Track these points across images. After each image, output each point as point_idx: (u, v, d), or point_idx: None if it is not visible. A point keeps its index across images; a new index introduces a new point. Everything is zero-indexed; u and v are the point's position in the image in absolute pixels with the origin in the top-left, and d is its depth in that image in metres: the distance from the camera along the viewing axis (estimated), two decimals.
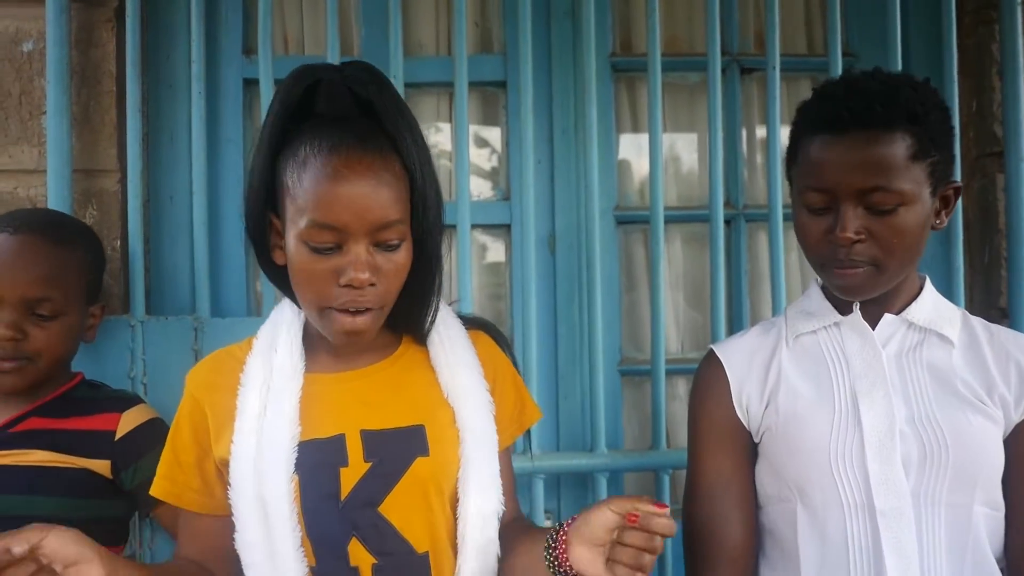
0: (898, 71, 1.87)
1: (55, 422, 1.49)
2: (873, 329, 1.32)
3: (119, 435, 1.51)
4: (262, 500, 1.16)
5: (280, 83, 1.19)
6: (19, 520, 1.39)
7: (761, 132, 2.23)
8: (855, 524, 1.25)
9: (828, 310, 1.36)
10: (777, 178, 1.93)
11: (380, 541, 1.17)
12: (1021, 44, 1.98)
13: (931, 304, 1.34)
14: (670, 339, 2.19)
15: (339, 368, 1.25)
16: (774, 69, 1.95)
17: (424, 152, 1.20)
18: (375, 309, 1.17)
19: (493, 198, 2.19)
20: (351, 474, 1.18)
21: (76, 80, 1.88)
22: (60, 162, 1.79)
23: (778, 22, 1.96)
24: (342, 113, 1.17)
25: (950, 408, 1.26)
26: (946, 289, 1.94)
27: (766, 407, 1.33)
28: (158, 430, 1.52)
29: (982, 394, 1.27)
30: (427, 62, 2.15)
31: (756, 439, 1.36)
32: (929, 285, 1.36)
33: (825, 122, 1.24)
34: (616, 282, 2.16)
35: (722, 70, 2.00)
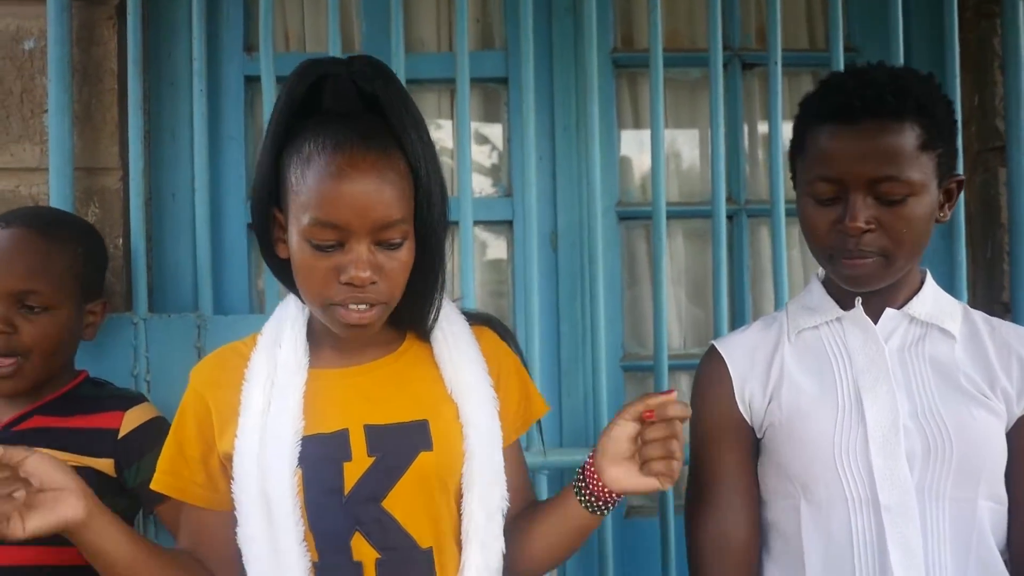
0: (901, 65, 1.87)
1: (59, 420, 1.49)
2: (875, 324, 1.32)
3: (122, 433, 1.50)
4: (265, 495, 1.16)
5: (286, 78, 1.19)
6: None
7: (763, 127, 2.23)
8: (859, 519, 1.25)
9: (830, 305, 1.36)
10: (779, 173, 1.93)
11: (383, 536, 1.17)
12: (1023, 38, 1.97)
13: (932, 298, 1.34)
14: (672, 335, 2.19)
15: (343, 364, 1.25)
16: (776, 64, 1.95)
17: (429, 149, 1.19)
18: (379, 304, 1.17)
19: (495, 194, 2.19)
20: (355, 469, 1.18)
21: (77, 78, 1.88)
22: (62, 160, 1.80)
23: (780, 17, 1.95)
24: (347, 109, 1.17)
25: (953, 402, 1.26)
26: (948, 284, 1.93)
27: (769, 403, 1.33)
28: (161, 428, 1.52)
29: (984, 388, 1.27)
30: (428, 58, 2.15)
31: (759, 435, 1.35)
32: (930, 279, 1.36)
33: (835, 112, 1.24)
34: (618, 278, 2.16)
35: (724, 65, 1.99)
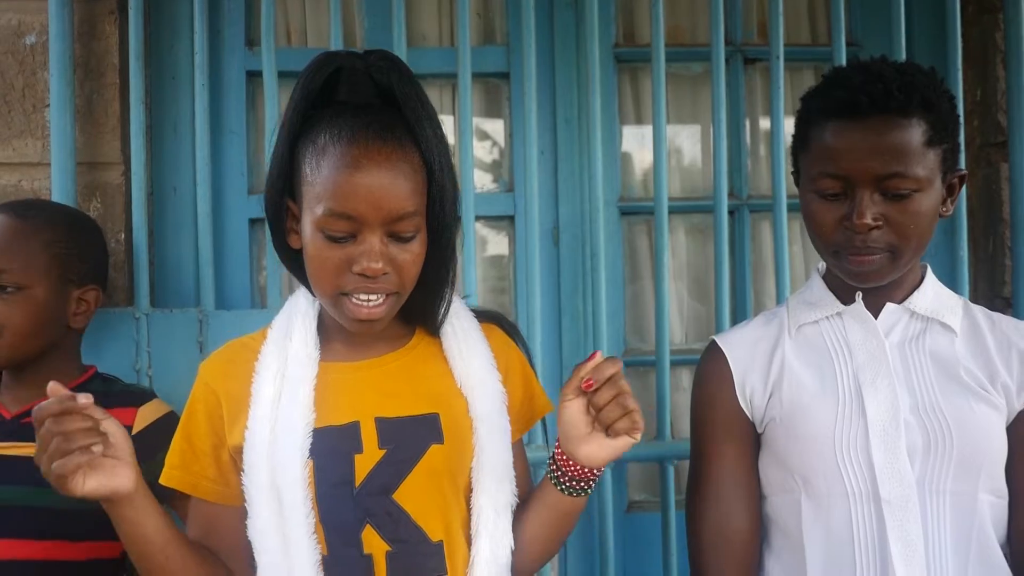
0: (902, 59, 1.87)
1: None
2: (875, 318, 1.32)
3: (136, 430, 1.50)
4: (276, 486, 1.16)
5: (303, 70, 1.19)
6: (30, 511, 1.42)
7: (765, 122, 2.23)
8: (860, 513, 1.25)
9: (830, 300, 1.36)
10: (781, 168, 1.93)
11: (394, 528, 1.17)
12: None
13: (933, 293, 1.34)
14: (674, 330, 2.19)
15: (353, 357, 1.26)
16: (778, 59, 1.95)
17: (442, 143, 1.20)
18: (389, 297, 1.17)
19: (496, 190, 2.19)
20: (365, 461, 1.18)
21: (79, 73, 1.88)
22: (64, 155, 1.80)
23: (782, 11, 1.95)
24: (363, 101, 1.17)
25: (954, 396, 1.26)
26: (950, 278, 1.93)
27: (770, 397, 1.33)
28: (174, 425, 1.52)
29: (985, 382, 1.28)
30: (430, 53, 2.15)
31: (760, 429, 1.36)
32: (930, 274, 1.36)
33: (841, 107, 1.23)
34: (620, 273, 2.17)
35: (726, 60, 1.99)
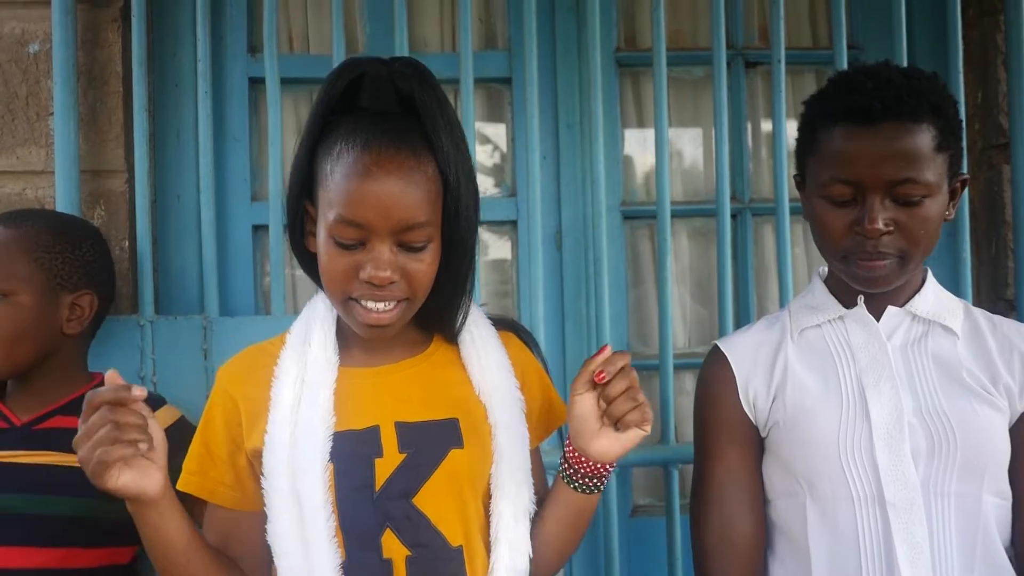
0: (905, 64, 1.87)
1: (79, 422, 1.49)
2: (877, 322, 1.32)
3: None
4: (296, 490, 1.15)
5: (328, 74, 1.19)
6: (42, 519, 1.42)
7: (766, 126, 2.23)
8: (865, 516, 1.25)
9: (832, 304, 1.36)
10: (783, 172, 1.93)
11: (414, 533, 1.17)
12: None
13: (934, 296, 1.35)
14: (677, 334, 2.19)
15: (372, 363, 1.26)
16: (779, 62, 1.95)
17: (462, 153, 1.19)
18: (400, 303, 1.17)
19: (499, 194, 2.20)
20: (386, 465, 1.18)
21: (83, 81, 1.88)
22: (67, 163, 1.80)
23: (783, 15, 1.95)
24: (384, 108, 1.17)
25: (957, 399, 1.26)
26: (953, 281, 1.93)
27: (773, 401, 1.33)
28: (185, 431, 1.52)
29: (987, 384, 1.28)
30: (432, 59, 2.13)
31: (763, 434, 1.36)
32: (931, 277, 1.37)
33: (853, 112, 1.23)
34: (622, 277, 2.17)
35: (727, 64, 1.99)
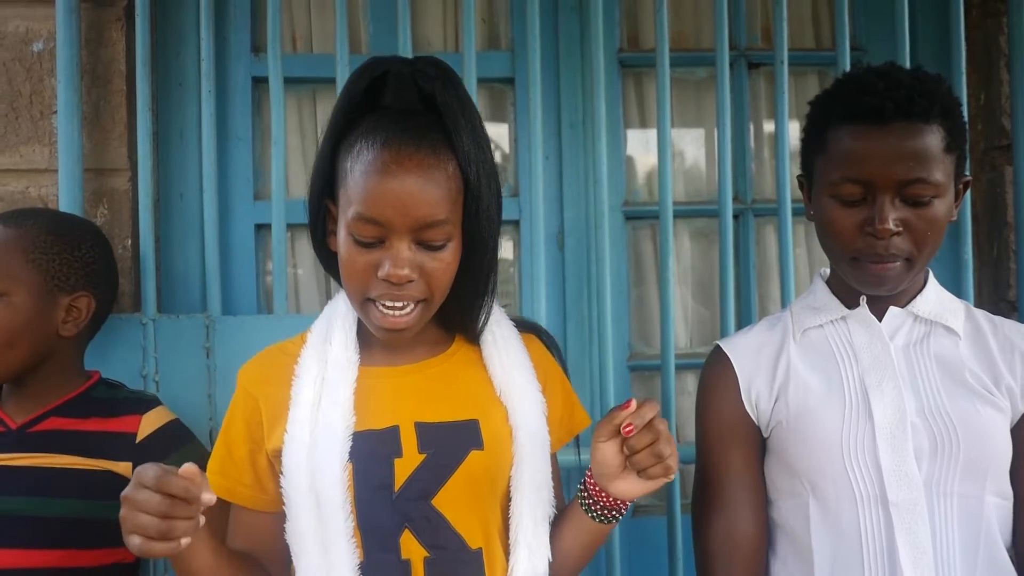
0: (909, 65, 1.87)
1: (75, 423, 1.49)
2: (879, 322, 1.32)
3: (140, 438, 1.50)
4: (315, 489, 1.15)
5: (352, 72, 1.19)
6: (37, 521, 1.42)
7: (769, 126, 2.24)
8: (868, 517, 1.25)
9: (834, 304, 1.36)
10: (786, 172, 1.93)
11: (433, 534, 1.17)
12: None
13: (935, 297, 1.35)
14: (679, 334, 2.19)
15: (393, 362, 1.25)
16: (782, 63, 1.95)
17: (484, 152, 1.18)
18: (417, 304, 1.16)
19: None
20: (405, 465, 1.17)
21: (86, 79, 1.89)
22: (71, 161, 1.80)
23: (786, 16, 1.96)
24: (406, 106, 1.17)
25: (959, 399, 1.27)
26: (955, 282, 1.94)
27: (775, 402, 1.34)
28: (178, 432, 1.53)
29: (989, 384, 1.28)
30: None
31: (765, 434, 1.36)
32: (932, 278, 1.37)
33: (864, 112, 1.23)
34: (625, 278, 2.17)
35: (730, 65, 1.99)
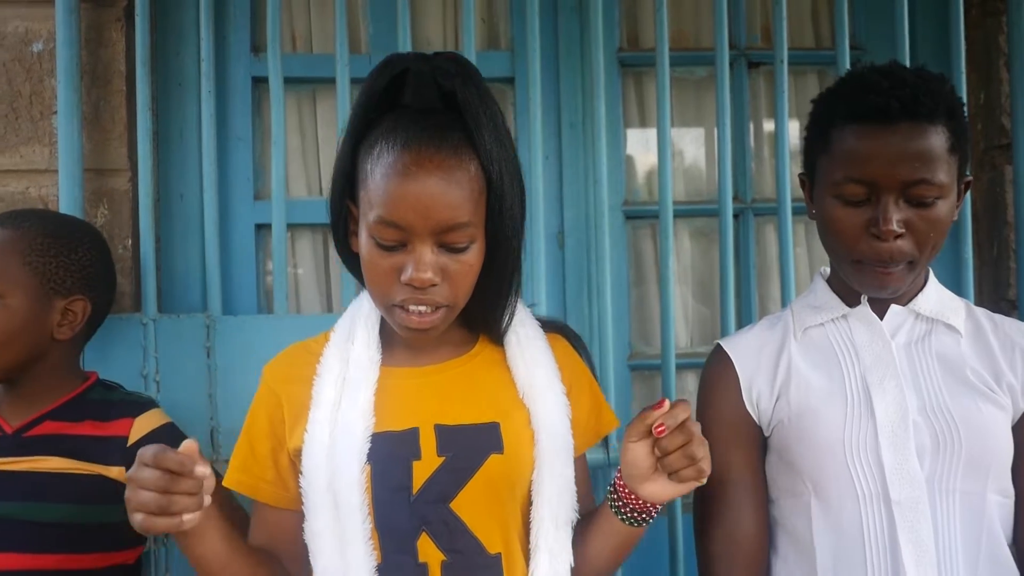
0: (906, 64, 1.87)
1: (70, 426, 1.48)
2: (880, 320, 1.32)
3: (131, 441, 1.49)
4: (333, 490, 1.15)
5: (372, 70, 1.18)
6: (32, 526, 1.41)
7: (769, 125, 2.24)
8: (871, 515, 1.25)
9: (835, 303, 1.36)
10: (786, 172, 1.93)
11: (450, 538, 1.16)
12: None
13: (936, 295, 1.35)
14: (679, 333, 2.19)
15: (415, 363, 1.24)
16: (782, 63, 1.95)
17: (506, 150, 1.17)
18: (441, 307, 1.15)
19: None
20: (424, 468, 1.16)
21: (86, 80, 1.89)
22: (71, 162, 1.80)
23: (785, 16, 1.95)
24: (426, 105, 1.15)
25: (961, 397, 1.27)
26: (955, 281, 1.94)
27: (777, 401, 1.34)
28: (170, 436, 1.51)
29: (991, 382, 1.28)
30: None
31: (766, 433, 1.36)
32: (932, 276, 1.37)
33: (870, 112, 1.22)
34: (625, 277, 2.17)
35: (730, 64, 1.99)
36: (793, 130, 2.10)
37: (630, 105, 2.23)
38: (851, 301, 1.35)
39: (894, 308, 1.33)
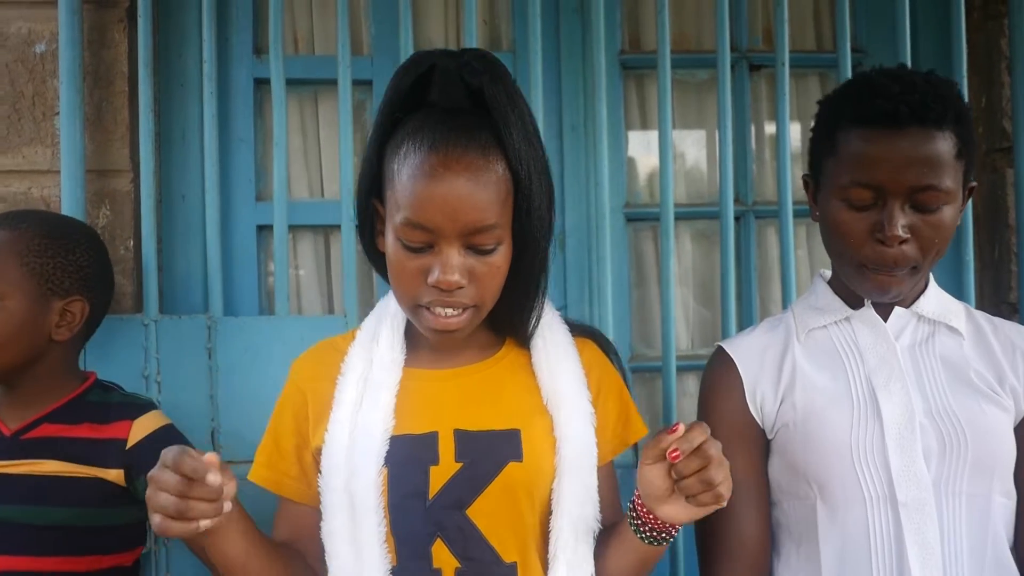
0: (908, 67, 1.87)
1: (67, 429, 1.48)
2: (884, 322, 1.32)
3: (130, 443, 1.49)
4: (350, 491, 1.14)
5: (398, 67, 1.17)
6: (31, 529, 1.42)
7: (770, 128, 2.23)
8: (877, 517, 1.25)
9: (838, 304, 1.36)
10: (787, 174, 1.93)
11: (465, 545, 1.14)
12: None
13: (936, 297, 1.35)
14: (680, 336, 2.19)
15: (439, 365, 1.23)
16: (783, 65, 1.95)
17: (534, 149, 1.15)
18: (468, 309, 1.14)
19: None
20: (441, 473, 1.15)
21: (89, 81, 1.89)
22: (73, 162, 1.80)
23: (787, 18, 1.95)
24: (453, 103, 1.14)
25: (965, 398, 1.27)
26: (956, 284, 1.93)
27: (781, 403, 1.33)
28: (169, 437, 1.50)
29: (994, 384, 1.28)
30: None
31: (770, 436, 1.35)
32: (932, 279, 1.37)
33: (879, 116, 1.22)
34: (625, 279, 2.17)
35: (731, 66, 1.99)
36: (794, 133, 2.10)
37: (631, 107, 2.22)
38: (853, 303, 1.35)
39: (898, 310, 1.33)
